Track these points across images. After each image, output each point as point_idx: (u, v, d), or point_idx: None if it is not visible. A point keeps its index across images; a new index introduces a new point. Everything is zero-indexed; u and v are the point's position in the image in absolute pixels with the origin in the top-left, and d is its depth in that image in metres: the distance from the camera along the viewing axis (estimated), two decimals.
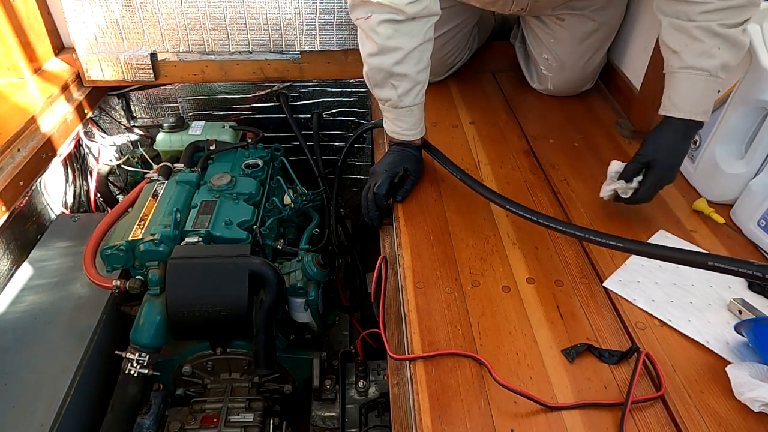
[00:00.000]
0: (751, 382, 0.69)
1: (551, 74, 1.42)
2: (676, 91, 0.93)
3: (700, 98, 0.92)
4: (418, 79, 1.02)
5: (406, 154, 1.10)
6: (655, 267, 0.92)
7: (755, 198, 0.96)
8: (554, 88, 1.44)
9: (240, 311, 1.07)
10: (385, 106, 1.07)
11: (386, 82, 1.01)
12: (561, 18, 1.32)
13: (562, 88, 1.44)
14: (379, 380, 1.28)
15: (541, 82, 1.46)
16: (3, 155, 1.23)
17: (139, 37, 1.51)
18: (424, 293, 0.87)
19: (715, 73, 0.90)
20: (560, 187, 1.12)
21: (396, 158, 1.09)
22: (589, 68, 1.40)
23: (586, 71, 1.40)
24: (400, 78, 1.00)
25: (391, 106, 1.05)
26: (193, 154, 1.47)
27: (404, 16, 0.94)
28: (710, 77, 0.90)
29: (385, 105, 1.07)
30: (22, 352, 1.10)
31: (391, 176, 1.05)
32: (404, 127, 1.07)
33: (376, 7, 0.94)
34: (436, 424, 0.68)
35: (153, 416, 1.23)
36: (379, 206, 1.06)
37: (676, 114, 0.93)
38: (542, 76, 1.45)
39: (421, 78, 1.02)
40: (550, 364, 0.76)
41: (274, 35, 1.53)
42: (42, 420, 0.99)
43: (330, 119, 1.77)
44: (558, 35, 1.35)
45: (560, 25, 1.34)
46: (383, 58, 0.98)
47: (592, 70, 1.41)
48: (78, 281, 1.25)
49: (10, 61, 1.47)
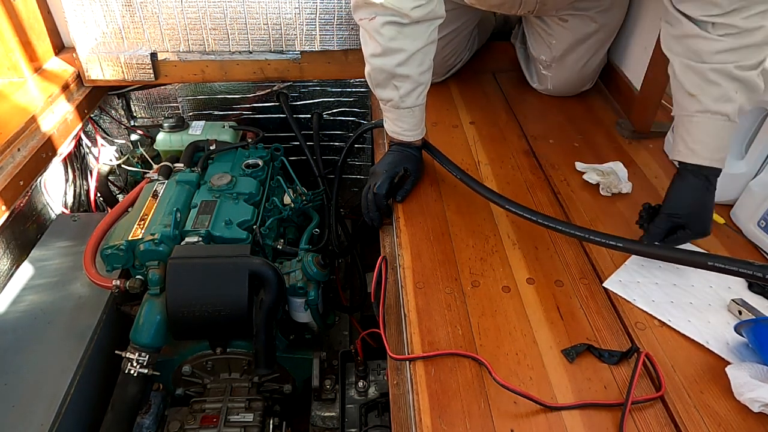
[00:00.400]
0: (750, 383, 0.69)
1: (551, 74, 1.42)
2: (694, 136, 0.88)
3: (719, 144, 0.87)
4: (420, 80, 1.01)
5: (406, 154, 1.10)
6: (655, 267, 0.92)
7: (755, 198, 0.96)
8: (554, 88, 1.44)
9: (240, 311, 1.07)
10: (387, 107, 1.07)
11: (388, 82, 1.01)
12: (564, 19, 1.32)
13: (562, 88, 1.44)
14: (379, 380, 1.28)
15: (541, 82, 1.46)
16: (3, 155, 1.23)
17: (140, 36, 1.51)
18: (424, 293, 0.87)
19: (733, 118, 0.85)
20: (560, 187, 1.12)
21: (396, 158, 1.09)
22: (589, 69, 1.40)
23: (586, 71, 1.40)
24: (403, 79, 1.00)
25: (393, 106, 1.05)
26: (193, 153, 1.47)
27: (409, 19, 0.94)
28: (728, 122, 0.85)
29: (386, 105, 1.07)
30: (22, 351, 1.10)
31: (391, 176, 1.05)
32: (405, 128, 1.07)
33: (380, 9, 0.93)
34: (436, 424, 0.68)
35: (153, 416, 1.23)
36: (379, 206, 1.06)
37: (696, 161, 0.88)
38: (542, 76, 1.45)
39: (423, 79, 1.02)
40: (550, 365, 0.76)
41: (275, 35, 1.53)
42: (42, 420, 0.99)
43: (330, 119, 1.77)
44: (559, 35, 1.35)
45: (562, 26, 1.33)
46: (386, 59, 0.98)
47: (592, 71, 1.42)
48: (78, 281, 1.25)
49: (10, 60, 1.47)
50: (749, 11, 0.79)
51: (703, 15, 0.81)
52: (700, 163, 0.88)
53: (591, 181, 1.12)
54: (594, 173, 1.12)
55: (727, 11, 0.79)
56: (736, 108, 0.85)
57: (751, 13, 0.79)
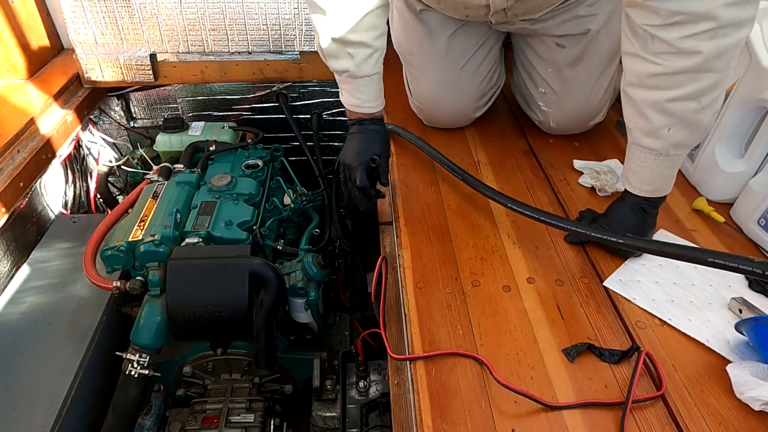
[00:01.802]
0: (751, 381, 0.69)
1: (552, 110, 1.24)
2: (629, 164, 0.88)
3: (651, 176, 0.86)
4: (375, 45, 0.98)
5: (369, 134, 1.06)
6: (655, 266, 0.92)
7: (755, 197, 0.96)
8: (557, 126, 1.26)
9: (240, 312, 1.07)
10: (343, 78, 1.03)
11: (342, 51, 0.98)
12: (561, 45, 1.16)
13: (565, 124, 1.26)
14: (380, 380, 1.28)
15: (544, 122, 1.28)
16: (3, 156, 1.24)
17: (139, 37, 1.51)
18: (424, 293, 0.87)
19: (665, 153, 0.82)
20: (560, 186, 1.12)
21: (362, 143, 1.05)
22: (595, 97, 1.21)
23: (592, 102, 1.21)
24: (356, 46, 0.97)
25: (349, 77, 1.01)
26: (192, 154, 1.47)
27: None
28: (660, 157, 0.83)
29: (342, 77, 1.03)
30: (22, 353, 1.10)
31: (366, 167, 1.03)
32: (363, 99, 1.04)
33: None
34: (436, 424, 0.68)
35: (153, 417, 1.23)
36: (368, 196, 1.05)
37: (630, 188, 0.89)
38: (543, 113, 1.26)
39: (378, 45, 0.99)
40: (550, 364, 0.76)
41: (274, 36, 1.53)
42: (42, 421, 0.99)
43: (330, 119, 1.77)
44: (556, 58, 1.19)
45: (556, 49, 1.18)
46: (335, 26, 0.94)
47: (598, 99, 1.21)
48: (78, 282, 1.25)
49: (9, 62, 1.47)
50: (688, 29, 0.71)
51: (645, 24, 0.75)
52: (632, 191, 0.89)
53: (586, 185, 1.11)
54: (588, 177, 1.12)
55: (668, 23, 0.72)
56: (668, 145, 0.81)
57: (689, 33, 0.71)
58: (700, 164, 1.08)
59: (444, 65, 1.22)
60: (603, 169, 1.13)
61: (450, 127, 1.30)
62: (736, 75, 0.97)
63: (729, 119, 1.01)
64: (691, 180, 1.12)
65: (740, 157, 1.02)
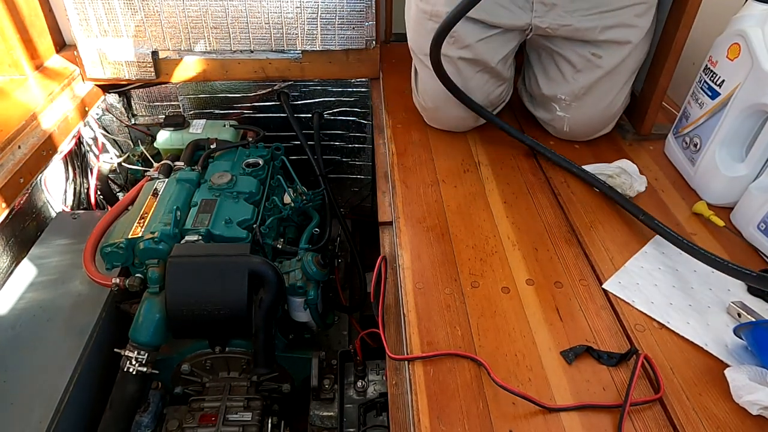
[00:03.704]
0: (749, 385, 0.69)
1: (569, 115, 1.23)
2: None
3: None
4: None
5: None
6: (654, 269, 0.92)
7: (755, 201, 0.96)
8: (570, 131, 1.25)
9: (239, 310, 1.07)
10: None
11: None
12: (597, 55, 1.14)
13: (578, 130, 1.25)
14: (378, 380, 1.28)
15: (555, 126, 1.27)
16: (3, 152, 1.24)
17: (141, 35, 1.51)
18: (423, 293, 0.87)
19: None
20: (560, 188, 1.12)
21: None
22: (614, 107, 1.20)
23: (609, 111, 1.21)
24: None
25: None
26: (193, 152, 1.47)
27: None
28: None
29: None
30: (21, 349, 1.11)
31: None
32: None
33: None
34: (434, 424, 0.68)
35: (151, 414, 1.23)
36: None
37: None
38: (557, 117, 1.25)
39: None
40: (548, 366, 0.76)
41: (276, 34, 1.53)
42: (40, 417, 0.99)
43: (331, 119, 1.77)
44: (585, 67, 1.16)
45: (589, 59, 1.15)
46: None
47: (617, 110, 1.21)
48: (77, 279, 1.25)
49: (11, 57, 1.47)
50: None
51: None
52: None
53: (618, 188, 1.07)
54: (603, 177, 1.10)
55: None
56: None
57: None
58: (701, 168, 1.08)
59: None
60: (615, 171, 1.10)
61: (452, 130, 1.30)
62: (737, 79, 0.97)
63: (730, 123, 1.01)
64: (692, 183, 1.12)
65: (741, 161, 1.02)
